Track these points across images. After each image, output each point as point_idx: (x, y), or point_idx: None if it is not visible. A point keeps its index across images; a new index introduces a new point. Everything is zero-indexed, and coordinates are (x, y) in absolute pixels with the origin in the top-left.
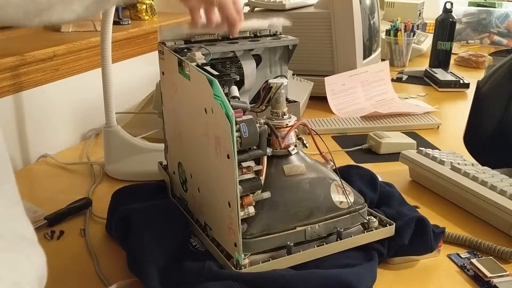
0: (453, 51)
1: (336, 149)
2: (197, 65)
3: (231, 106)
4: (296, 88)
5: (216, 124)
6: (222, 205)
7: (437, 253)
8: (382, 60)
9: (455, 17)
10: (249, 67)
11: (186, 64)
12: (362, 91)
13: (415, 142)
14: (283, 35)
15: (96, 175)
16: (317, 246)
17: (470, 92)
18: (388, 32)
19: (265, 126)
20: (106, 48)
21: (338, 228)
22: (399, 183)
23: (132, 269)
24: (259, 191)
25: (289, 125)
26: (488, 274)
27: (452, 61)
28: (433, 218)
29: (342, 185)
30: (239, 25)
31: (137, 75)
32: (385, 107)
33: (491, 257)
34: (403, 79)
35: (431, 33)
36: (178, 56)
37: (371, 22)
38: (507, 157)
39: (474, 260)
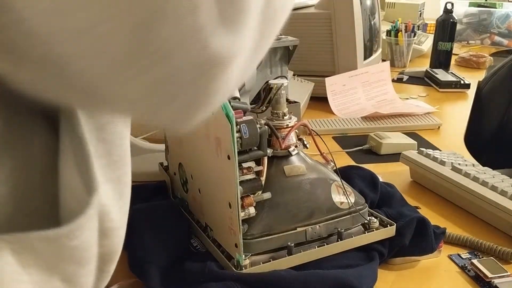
0: (453, 52)
1: (337, 149)
2: None
3: (232, 107)
4: (296, 89)
5: (217, 125)
6: (222, 205)
7: (438, 254)
8: (383, 60)
9: (456, 18)
10: None
11: None
12: (363, 91)
13: (415, 142)
14: (283, 36)
15: None
16: (317, 247)
17: (471, 92)
18: (388, 33)
19: (266, 126)
20: None
21: (339, 229)
22: (399, 184)
23: (133, 269)
24: (260, 192)
25: (289, 125)
26: (489, 275)
27: (452, 62)
28: (434, 218)
29: (343, 185)
30: None
31: None
32: (386, 107)
33: (492, 257)
34: (404, 79)
35: (432, 33)
36: None
37: (372, 22)
38: (508, 157)
39: (475, 261)
